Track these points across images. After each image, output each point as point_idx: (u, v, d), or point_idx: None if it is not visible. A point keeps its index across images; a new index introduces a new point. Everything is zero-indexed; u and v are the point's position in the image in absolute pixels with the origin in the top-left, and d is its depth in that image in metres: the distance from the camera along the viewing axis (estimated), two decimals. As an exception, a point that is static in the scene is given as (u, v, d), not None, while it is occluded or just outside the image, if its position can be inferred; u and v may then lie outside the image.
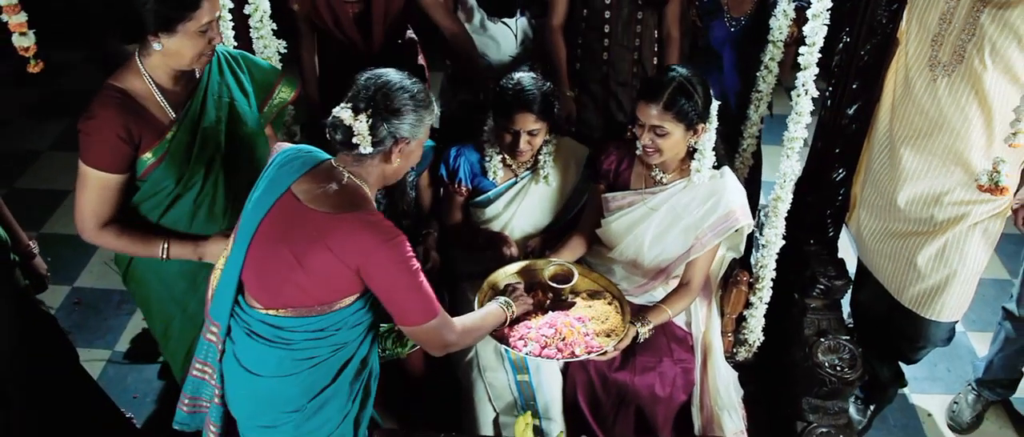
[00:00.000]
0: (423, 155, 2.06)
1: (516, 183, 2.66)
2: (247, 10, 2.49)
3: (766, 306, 2.60)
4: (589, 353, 2.12)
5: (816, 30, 2.17)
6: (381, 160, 1.78)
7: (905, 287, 2.45)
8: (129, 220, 2.01)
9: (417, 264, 1.75)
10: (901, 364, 2.87)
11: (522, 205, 2.67)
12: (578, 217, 2.66)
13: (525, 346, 2.10)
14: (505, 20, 3.10)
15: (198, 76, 2.01)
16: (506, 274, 2.40)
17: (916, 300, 2.44)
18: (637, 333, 2.29)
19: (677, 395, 2.44)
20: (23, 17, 1.76)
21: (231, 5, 2.38)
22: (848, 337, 2.54)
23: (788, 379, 2.64)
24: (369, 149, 1.73)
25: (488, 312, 2.08)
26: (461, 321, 1.92)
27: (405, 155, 1.81)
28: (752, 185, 2.80)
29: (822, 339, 2.54)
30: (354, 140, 1.72)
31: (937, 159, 2.24)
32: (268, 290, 1.78)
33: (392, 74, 1.77)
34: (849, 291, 2.59)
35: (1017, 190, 2.47)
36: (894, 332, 2.62)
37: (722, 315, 2.62)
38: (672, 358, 2.44)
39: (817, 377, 2.49)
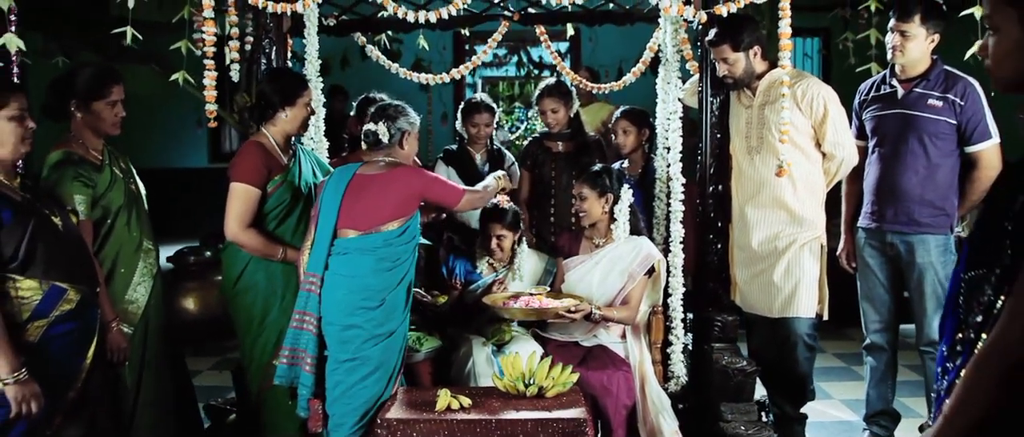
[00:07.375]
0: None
1: (498, 275, 3.74)
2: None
3: (682, 343, 3.54)
4: (555, 309, 3.13)
5: (674, 140, 3.58)
6: (398, 146, 3.00)
7: (772, 304, 3.48)
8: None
9: (440, 176, 3.02)
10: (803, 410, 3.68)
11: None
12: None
13: (511, 305, 3.12)
14: None
15: (294, 150, 3.26)
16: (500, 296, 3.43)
17: (782, 307, 3.46)
18: (591, 309, 3.27)
19: (622, 396, 3.27)
20: (213, 75, 3.13)
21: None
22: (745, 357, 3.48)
23: (708, 398, 3.46)
24: (386, 139, 2.97)
25: (485, 183, 3.24)
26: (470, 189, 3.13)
27: (410, 142, 3.04)
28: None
29: (726, 357, 3.47)
30: (380, 137, 2.96)
31: (768, 209, 3.47)
32: (360, 220, 2.87)
33: (385, 98, 3.24)
34: (739, 329, 3.57)
35: (839, 243, 3.68)
36: (777, 349, 3.54)
37: (651, 349, 3.54)
38: (615, 367, 3.33)
39: (725, 377, 3.37)
